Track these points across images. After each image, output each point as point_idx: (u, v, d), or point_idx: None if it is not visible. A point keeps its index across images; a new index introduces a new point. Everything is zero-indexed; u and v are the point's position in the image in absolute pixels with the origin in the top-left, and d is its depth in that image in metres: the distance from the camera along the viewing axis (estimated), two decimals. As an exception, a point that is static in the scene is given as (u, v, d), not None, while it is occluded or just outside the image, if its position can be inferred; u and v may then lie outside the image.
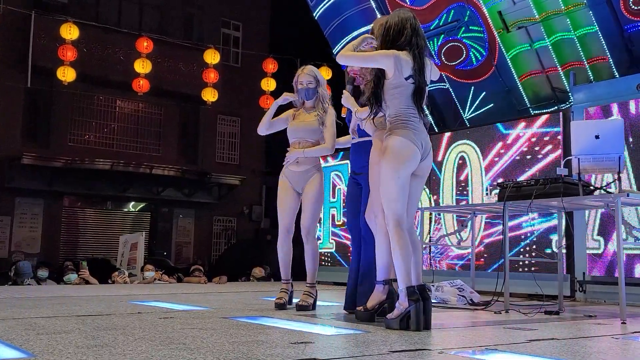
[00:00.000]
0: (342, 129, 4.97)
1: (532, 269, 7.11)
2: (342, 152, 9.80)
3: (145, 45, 13.63)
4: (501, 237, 6.71)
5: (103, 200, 17.85)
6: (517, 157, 7.60)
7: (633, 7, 8.25)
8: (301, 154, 4.85)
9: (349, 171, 4.92)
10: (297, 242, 5.03)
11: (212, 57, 14.36)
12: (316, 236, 5.00)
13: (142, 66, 13.55)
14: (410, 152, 3.68)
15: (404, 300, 3.64)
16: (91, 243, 17.24)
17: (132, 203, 18.48)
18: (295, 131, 4.95)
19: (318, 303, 5.07)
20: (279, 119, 5.09)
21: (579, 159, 4.94)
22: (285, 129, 5.07)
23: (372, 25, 4.39)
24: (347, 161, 9.34)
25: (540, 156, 7.37)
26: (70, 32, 12.88)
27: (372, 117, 3.96)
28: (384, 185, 3.70)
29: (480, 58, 10.27)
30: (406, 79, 3.75)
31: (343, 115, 4.59)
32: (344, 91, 4.45)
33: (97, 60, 15.69)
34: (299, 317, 4.30)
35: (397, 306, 3.70)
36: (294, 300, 4.99)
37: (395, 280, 3.90)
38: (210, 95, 14.51)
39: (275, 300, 4.89)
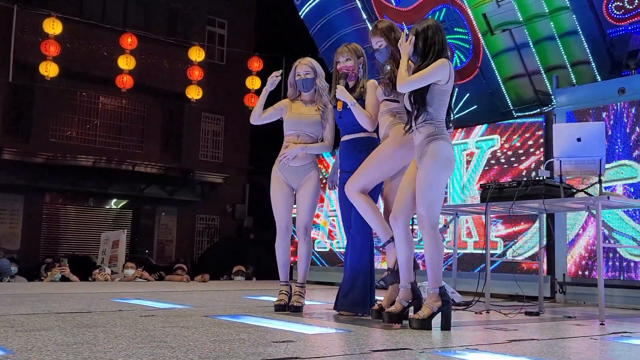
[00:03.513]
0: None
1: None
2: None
3: (129, 41, 13.53)
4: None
5: (85, 197, 17.70)
6: (502, 159, 7.65)
7: (615, 12, 8.34)
8: (304, 150, 4.66)
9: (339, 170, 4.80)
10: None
11: (196, 54, 14.30)
12: (311, 235, 4.88)
13: (126, 62, 13.44)
14: (454, 158, 3.88)
15: (437, 300, 3.72)
16: (72, 240, 17.09)
17: (114, 200, 18.36)
18: (296, 124, 4.73)
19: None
20: (273, 109, 4.84)
21: (560, 161, 4.99)
22: (276, 123, 4.91)
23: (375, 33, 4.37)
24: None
25: (522, 158, 7.43)
26: (53, 26, 12.75)
27: (415, 118, 3.87)
28: (430, 188, 3.75)
29: (464, 60, 10.32)
30: (454, 86, 3.89)
31: (339, 109, 4.51)
32: (338, 86, 4.44)
33: (81, 56, 15.54)
34: (281, 316, 4.30)
35: (428, 306, 3.74)
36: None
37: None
38: (194, 93, 14.44)
39: (275, 302, 4.72)
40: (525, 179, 5.28)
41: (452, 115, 4.00)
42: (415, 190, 3.80)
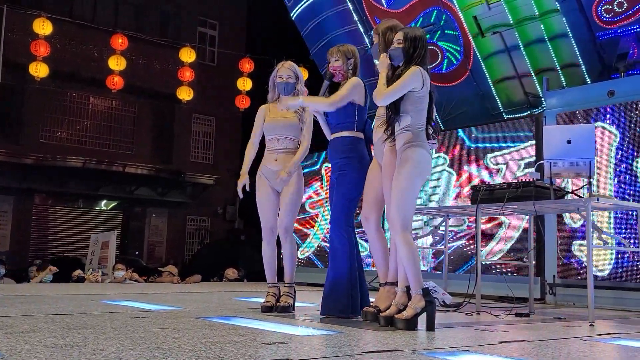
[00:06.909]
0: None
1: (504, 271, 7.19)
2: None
3: (120, 42, 13.48)
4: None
5: (74, 199, 17.62)
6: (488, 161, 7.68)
7: (605, 15, 8.40)
8: (293, 169, 4.70)
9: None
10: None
11: (187, 55, 14.26)
12: (294, 235, 4.90)
13: (116, 63, 13.39)
14: (430, 165, 3.96)
15: (420, 301, 3.77)
16: (62, 241, 17.00)
17: (104, 201, 18.28)
18: (274, 128, 4.80)
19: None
20: (258, 127, 4.90)
21: (550, 163, 5.02)
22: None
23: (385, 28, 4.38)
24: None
25: (513, 160, 7.46)
26: (43, 27, 12.68)
27: (388, 127, 3.99)
28: (403, 193, 3.80)
29: (455, 62, 10.36)
30: (431, 91, 3.94)
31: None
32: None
33: (71, 57, 15.49)
34: (272, 318, 4.29)
35: (412, 306, 3.78)
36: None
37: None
38: (185, 94, 14.40)
39: (263, 303, 4.73)
40: (515, 181, 5.31)
41: (434, 122, 4.06)
42: (391, 195, 3.88)
